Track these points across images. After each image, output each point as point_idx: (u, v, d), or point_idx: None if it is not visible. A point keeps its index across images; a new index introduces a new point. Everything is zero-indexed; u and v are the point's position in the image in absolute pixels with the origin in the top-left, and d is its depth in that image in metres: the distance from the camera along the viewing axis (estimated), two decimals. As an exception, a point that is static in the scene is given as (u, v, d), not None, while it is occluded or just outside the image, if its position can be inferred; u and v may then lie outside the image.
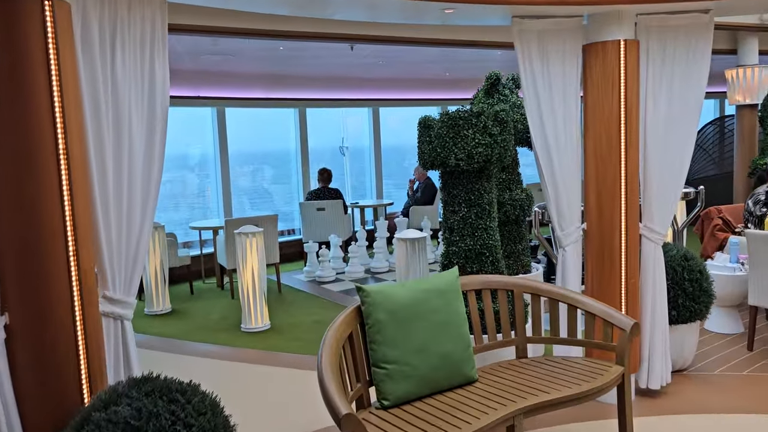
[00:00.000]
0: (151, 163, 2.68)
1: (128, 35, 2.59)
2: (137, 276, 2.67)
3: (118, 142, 2.57)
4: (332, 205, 8.63)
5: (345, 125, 11.63)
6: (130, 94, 2.60)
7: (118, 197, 2.57)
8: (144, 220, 2.65)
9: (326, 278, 7.88)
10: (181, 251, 7.73)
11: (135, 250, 2.63)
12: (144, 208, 2.64)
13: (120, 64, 2.56)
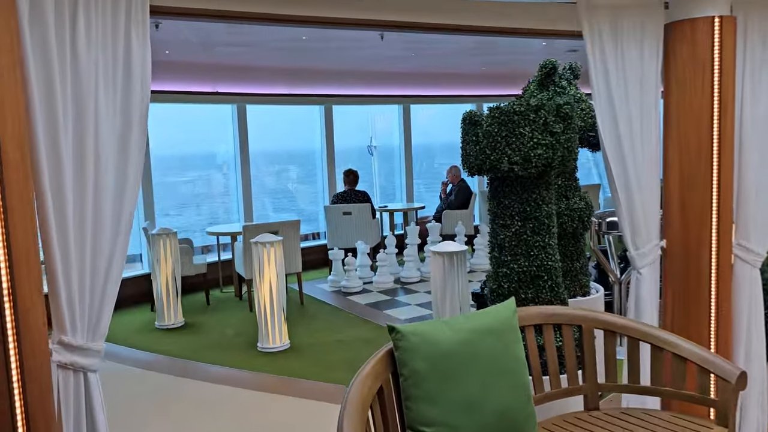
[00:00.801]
0: (125, 172, 2.08)
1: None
2: (106, 315, 2.08)
3: (80, 144, 1.98)
4: (359, 209, 8.01)
5: (373, 123, 11.02)
6: (98, 79, 2.00)
7: (80, 215, 1.97)
8: (115, 243, 2.05)
9: (352, 289, 7.27)
10: (197, 258, 7.18)
11: (103, 281, 2.03)
12: (115, 229, 2.05)
13: (83, 38, 1.96)
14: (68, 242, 1.93)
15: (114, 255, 2.04)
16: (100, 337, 2.07)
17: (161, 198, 10.25)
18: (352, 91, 9.02)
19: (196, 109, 8.50)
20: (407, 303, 6.73)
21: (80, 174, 1.97)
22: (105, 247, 2.02)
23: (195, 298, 7.29)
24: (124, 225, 2.07)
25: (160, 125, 7.81)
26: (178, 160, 12.07)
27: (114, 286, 2.06)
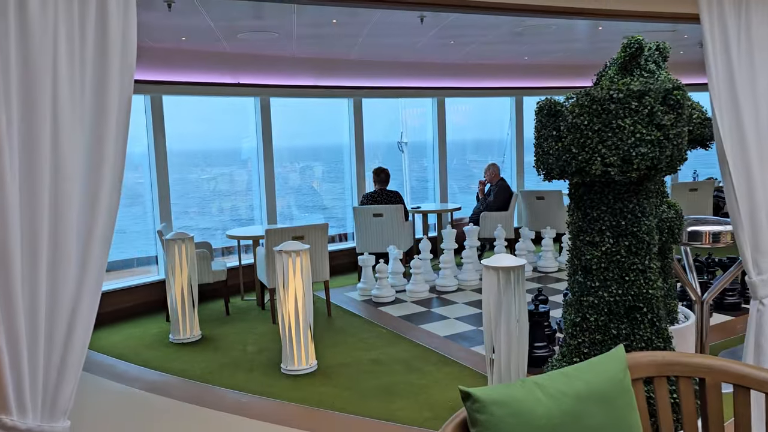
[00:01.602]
0: (97, 184, 1.47)
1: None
2: (70, 382, 1.48)
3: (29, 146, 1.37)
4: (391, 210, 7.37)
5: (404, 117, 10.37)
6: (58, 57, 1.39)
7: (29, 245, 1.36)
8: (82, 281, 1.45)
9: (384, 299, 6.63)
10: (216, 264, 6.61)
11: (65, 336, 1.42)
12: (82, 262, 1.43)
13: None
14: (11, 283, 1.32)
15: (81, 299, 1.44)
16: (61, 414, 1.46)
17: (181, 196, 9.75)
18: (383, 82, 8.38)
19: (217, 102, 7.93)
20: (445, 316, 6.08)
21: (29, 187, 1.36)
22: (67, 289, 1.41)
23: (214, 307, 6.72)
24: (96, 255, 1.46)
25: (178, 119, 7.25)
26: (198, 156, 11.55)
27: (81, 343, 1.45)
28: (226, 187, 9.36)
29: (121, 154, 1.55)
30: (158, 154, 6.83)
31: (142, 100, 6.82)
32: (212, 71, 7.00)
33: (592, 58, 8.30)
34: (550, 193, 8.30)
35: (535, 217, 8.33)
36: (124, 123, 1.55)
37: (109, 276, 8.20)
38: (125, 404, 4.42)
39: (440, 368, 4.77)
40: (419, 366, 4.82)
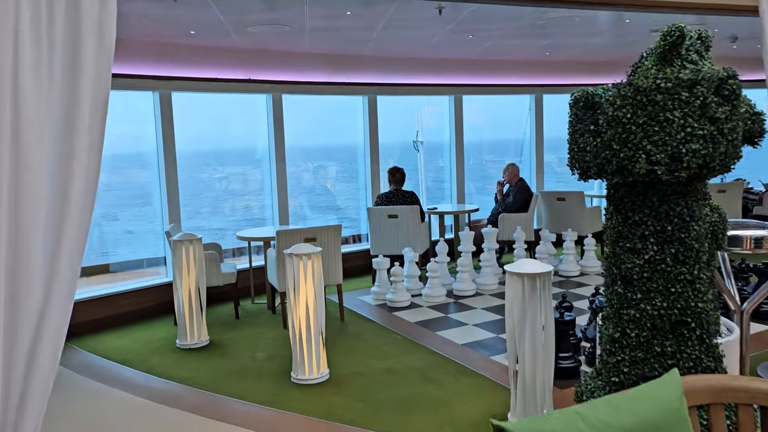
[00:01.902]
0: (67, 185, 1.24)
1: None
2: (35, 409, 1.24)
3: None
4: (406, 211, 7.12)
5: (420, 116, 10.11)
6: (20, 42, 1.16)
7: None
8: (49, 296, 1.21)
9: (399, 303, 6.39)
10: (225, 266, 6.40)
11: (28, 351, 1.19)
12: (53, 260, 1.21)
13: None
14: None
15: (48, 309, 1.21)
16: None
17: (193, 196, 9.58)
18: (398, 79, 8.12)
19: (231, 100, 7.72)
20: (463, 322, 5.82)
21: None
22: (31, 297, 1.18)
23: (223, 311, 6.51)
24: (67, 257, 1.23)
25: (191, 117, 7.06)
26: (211, 155, 11.38)
27: (49, 363, 1.22)
28: (239, 187, 9.17)
29: (97, 148, 1.32)
30: (167, 153, 6.64)
31: (150, 97, 6.63)
32: (223, 67, 6.80)
33: (616, 54, 8.01)
34: (571, 194, 8.01)
35: (556, 218, 8.04)
36: (100, 112, 1.32)
37: (117, 278, 8.04)
38: (126, 414, 4.21)
39: (459, 379, 4.52)
40: (437, 376, 4.57)
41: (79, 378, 4.85)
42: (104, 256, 8.48)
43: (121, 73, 6.12)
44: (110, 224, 9.16)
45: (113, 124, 7.53)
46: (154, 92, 6.58)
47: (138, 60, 6.24)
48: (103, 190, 9.08)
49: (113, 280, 8.08)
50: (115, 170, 9.08)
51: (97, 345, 5.58)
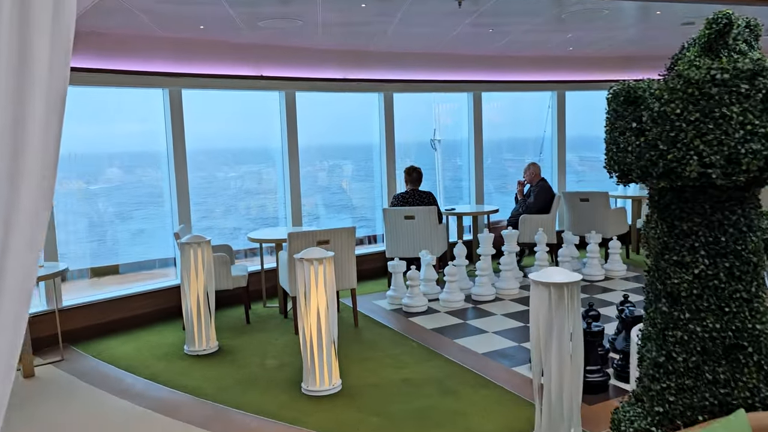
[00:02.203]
0: (15, 177, 1.00)
1: None
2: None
3: None
4: (423, 212, 6.87)
5: (437, 113, 9.85)
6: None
7: None
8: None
9: (416, 308, 6.14)
10: (236, 268, 6.19)
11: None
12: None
13: None
14: None
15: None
16: None
17: (208, 195, 9.40)
18: (415, 75, 7.87)
19: (242, 97, 7.51)
20: (482, 330, 5.56)
21: None
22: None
23: (233, 314, 6.31)
24: (14, 270, 1.00)
25: (202, 114, 6.86)
26: (227, 154, 11.22)
27: None
28: (253, 186, 8.97)
29: (54, 148, 1.10)
30: (177, 152, 6.45)
31: (160, 95, 6.44)
32: (234, 63, 6.59)
33: (645, 49, 7.69)
34: (595, 195, 7.70)
35: (579, 220, 7.74)
36: (57, 104, 1.10)
37: (127, 279, 7.88)
38: (126, 424, 4.02)
39: (478, 391, 4.27)
40: (455, 388, 4.32)
41: (80, 384, 4.67)
42: (114, 257, 8.34)
43: (130, 69, 5.94)
44: (122, 224, 9.01)
45: (125, 121, 7.36)
46: (164, 89, 6.38)
47: (146, 57, 6.05)
48: (115, 189, 8.94)
49: (123, 282, 7.93)
50: (128, 169, 8.94)
51: (102, 350, 5.40)
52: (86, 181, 9.34)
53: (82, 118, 6.89)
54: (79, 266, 7.75)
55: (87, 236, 7.96)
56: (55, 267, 5.16)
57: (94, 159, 9.16)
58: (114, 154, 8.73)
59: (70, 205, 7.84)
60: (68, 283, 7.48)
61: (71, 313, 5.70)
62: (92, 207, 8.74)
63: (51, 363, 5.15)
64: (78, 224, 7.90)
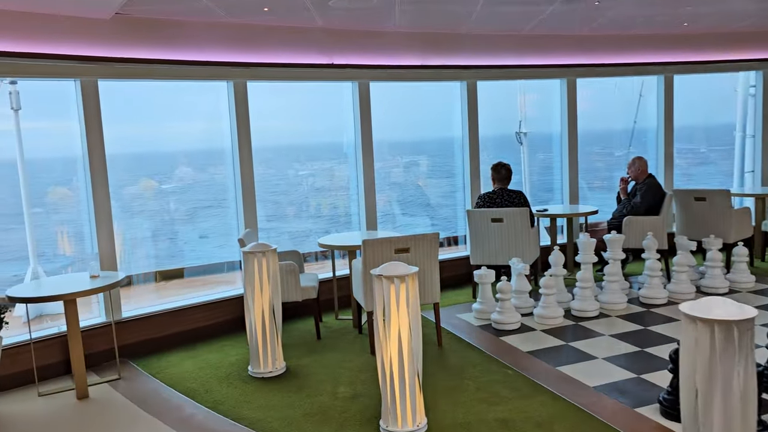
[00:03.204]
0: None
1: None
2: None
3: None
4: (513, 214, 6.08)
5: (523, 103, 8.98)
6: None
7: None
8: None
9: (508, 325, 5.37)
10: (305, 278, 5.61)
11: None
12: None
13: None
14: None
15: None
16: None
17: (276, 194, 8.93)
18: (502, 60, 7.05)
19: (309, 88, 6.92)
20: (589, 355, 4.72)
21: None
22: None
23: (302, 327, 5.74)
24: None
25: (264, 108, 6.31)
26: (297, 149, 10.74)
27: None
28: (324, 184, 8.40)
29: None
30: (242, 150, 5.91)
31: (225, 87, 5.92)
32: (301, 51, 5.99)
33: None
34: (713, 193, 6.66)
35: (695, 223, 6.73)
36: None
37: (192, 283, 7.47)
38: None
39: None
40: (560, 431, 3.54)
41: (138, 413, 4.17)
42: (181, 259, 7.97)
43: (191, 60, 5.43)
44: (189, 224, 8.66)
45: (191, 118, 6.88)
46: (228, 82, 5.86)
47: (206, 46, 5.53)
48: (182, 188, 8.58)
49: (188, 286, 7.53)
50: (197, 167, 8.56)
51: (161, 368, 4.92)
52: (158, 180, 9.05)
53: (143, 115, 6.50)
54: (145, 269, 7.41)
55: (154, 237, 7.61)
56: (113, 277, 4.71)
57: (163, 158, 8.85)
58: (181, 152, 8.38)
59: (137, 205, 7.52)
60: (133, 288, 7.14)
61: (129, 325, 5.26)
62: (162, 207, 8.41)
63: (107, 382, 4.71)
64: (145, 225, 7.57)
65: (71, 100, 5.12)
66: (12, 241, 6.74)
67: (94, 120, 5.11)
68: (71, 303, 4.43)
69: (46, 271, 6.16)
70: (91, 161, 5.11)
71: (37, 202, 6.84)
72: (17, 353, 4.67)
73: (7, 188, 6.51)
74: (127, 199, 7.76)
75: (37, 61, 4.69)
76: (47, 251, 6.65)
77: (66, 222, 6.65)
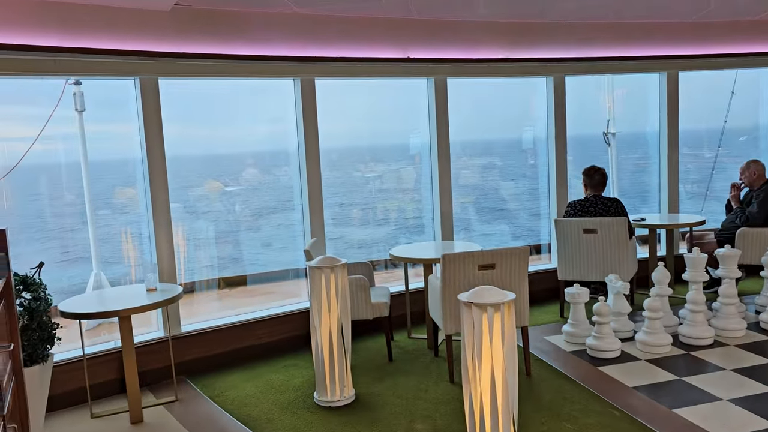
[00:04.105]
0: None
1: None
2: None
3: None
4: (610, 225, 5.39)
5: (613, 100, 8.21)
6: None
7: None
8: None
9: (606, 353, 4.69)
10: (376, 292, 5.11)
11: None
12: None
13: None
14: None
15: None
16: None
17: (340, 197, 8.51)
18: (591, 52, 6.34)
19: (380, 86, 6.42)
20: (711, 394, 4.00)
21: None
22: None
23: (372, 347, 5.24)
24: None
25: (331, 106, 5.85)
26: (361, 151, 10.30)
27: None
28: (394, 187, 7.91)
29: None
30: (309, 153, 5.46)
31: (291, 85, 5.48)
32: (372, 44, 5.49)
33: None
34: None
35: (821, 236, 5.84)
36: None
37: (256, 292, 7.11)
38: None
39: None
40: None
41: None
42: (245, 265, 7.63)
43: (255, 54, 5.02)
44: (254, 228, 8.33)
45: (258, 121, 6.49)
46: (294, 79, 5.42)
47: (272, 39, 5.11)
48: (246, 190, 8.26)
49: (251, 295, 7.19)
50: (262, 168, 8.23)
51: (221, 389, 4.52)
52: (224, 182, 8.79)
53: (208, 115, 6.18)
54: (208, 275, 7.12)
55: (219, 240, 7.31)
56: (171, 291, 4.34)
57: (228, 159, 8.56)
58: (247, 154, 8.05)
59: (203, 206, 7.24)
60: (195, 295, 6.84)
61: (188, 340, 4.90)
62: (227, 208, 8.12)
63: (163, 404, 4.34)
64: (209, 229, 7.27)
65: (131, 100, 4.81)
66: (77, 240, 6.58)
67: (154, 121, 4.76)
68: (126, 320, 4.08)
69: (109, 279, 5.90)
70: (150, 167, 4.77)
71: (100, 206, 6.64)
72: (71, 370, 4.36)
73: (73, 190, 6.33)
74: (192, 200, 7.49)
75: (94, 57, 4.37)
76: (110, 257, 6.43)
77: (130, 223, 6.42)
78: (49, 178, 7.13)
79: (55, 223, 7.20)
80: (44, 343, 3.87)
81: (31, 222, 8.30)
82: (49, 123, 5.21)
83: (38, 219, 8.32)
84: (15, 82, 4.67)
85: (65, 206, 6.88)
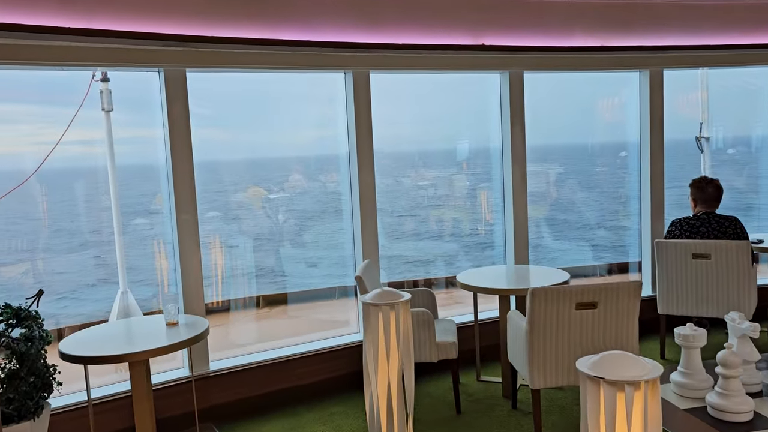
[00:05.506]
0: None
1: None
2: None
3: None
4: (729, 249, 4.39)
5: (705, 100, 7.17)
6: None
7: None
8: None
9: (735, 415, 3.69)
10: (441, 328, 4.24)
11: None
12: None
13: None
14: None
15: None
16: None
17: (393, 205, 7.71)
18: (692, 40, 5.34)
19: (452, 80, 5.57)
20: None
21: None
22: None
23: (435, 394, 4.38)
24: None
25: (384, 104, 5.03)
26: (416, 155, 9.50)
27: None
28: (455, 196, 7.04)
29: None
30: (361, 154, 4.65)
31: (342, 79, 4.67)
32: (441, 28, 4.64)
33: None
34: None
35: None
36: None
37: (298, 312, 6.38)
38: None
39: None
40: None
41: None
42: (284, 283, 6.89)
43: (299, 40, 4.22)
44: (297, 241, 7.58)
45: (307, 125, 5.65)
46: (346, 72, 4.62)
47: (318, 22, 4.31)
48: (290, 198, 7.52)
49: (293, 316, 6.42)
50: (311, 174, 7.49)
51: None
52: (266, 188, 8.11)
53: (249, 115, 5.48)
54: (245, 292, 6.41)
55: (257, 255, 6.58)
56: (195, 326, 3.54)
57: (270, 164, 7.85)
58: (293, 158, 7.32)
59: (243, 213, 6.55)
60: (231, 314, 6.15)
61: (216, 381, 4.13)
62: (269, 216, 7.42)
63: (183, 462, 3.58)
64: (247, 243, 6.55)
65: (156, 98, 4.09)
66: (104, 252, 5.96)
67: (181, 123, 4.02)
68: (137, 364, 3.32)
69: (138, 299, 5.21)
70: (175, 178, 4.02)
71: (130, 217, 5.99)
72: (74, 417, 3.64)
73: (100, 197, 5.72)
74: (233, 207, 6.81)
75: (110, 44, 3.65)
76: (137, 276, 5.76)
77: (158, 236, 5.78)
78: (74, 184, 6.55)
79: (81, 238, 6.62)
80: (39, 392, 3.15)
81: (61, 226, 7.77)
82: (72, 124, 4.58)
83: (70, 223, 7.78)
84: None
85: (91, 214, 6.29)
